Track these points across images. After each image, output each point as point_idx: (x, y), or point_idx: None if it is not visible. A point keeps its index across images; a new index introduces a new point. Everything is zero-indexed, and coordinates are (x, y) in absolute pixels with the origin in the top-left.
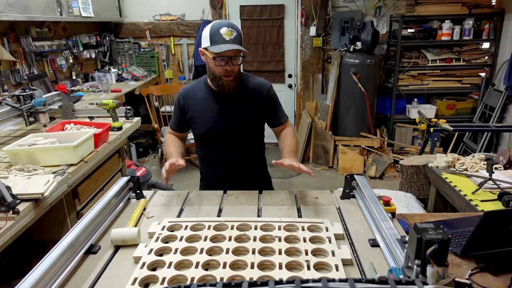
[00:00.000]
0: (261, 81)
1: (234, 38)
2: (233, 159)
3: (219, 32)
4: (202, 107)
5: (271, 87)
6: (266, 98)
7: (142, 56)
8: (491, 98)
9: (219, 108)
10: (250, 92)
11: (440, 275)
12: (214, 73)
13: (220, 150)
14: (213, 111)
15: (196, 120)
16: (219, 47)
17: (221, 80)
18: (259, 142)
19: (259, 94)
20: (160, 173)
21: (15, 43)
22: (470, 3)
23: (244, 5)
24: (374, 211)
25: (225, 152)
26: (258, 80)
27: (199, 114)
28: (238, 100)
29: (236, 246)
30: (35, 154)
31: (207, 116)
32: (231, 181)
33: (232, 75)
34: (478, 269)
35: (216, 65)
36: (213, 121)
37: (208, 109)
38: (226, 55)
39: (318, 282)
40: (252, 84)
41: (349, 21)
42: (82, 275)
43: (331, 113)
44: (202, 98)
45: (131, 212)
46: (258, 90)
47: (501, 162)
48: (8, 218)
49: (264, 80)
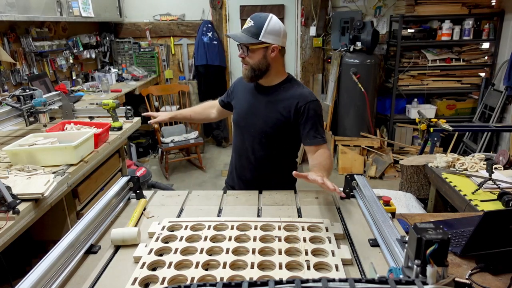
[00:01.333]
0: (304, 92)
1: (246, 28)
2: (250, 157)
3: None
4: (242, 95)
5: (312, 102)
6: (301, 111)
7: (142, 56)
8: (491, 98)
9: (253, 101)
10: (287, 98)
11: (440, 275)
12: None
13: (244, 143)
14: (248, 103)
15: (235, 105)
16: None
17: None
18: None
19: (294, 103)
20: (160, 173)
21: (15, 43)
22: (470, 3)
23: (244, 5)
24: (374, 211)
25: (247, 146)
26: (302, 90)
27: (238, 101)
28: (273, 100)
29: (236, 246)
30: (35, 154)
31: (242, 106)
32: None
33: (246, 64)
34: (478, 269)
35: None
36: (245, 112)
37: (245, 99)
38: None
39: (318, 282)
40: (293, 91)
41: (349, 21)
42: (82, 275)
43: (331, 113)
44: (246, 89)
45: (131, 212)
46: (295, 99)
47: (501, 162)
48: (8, 218)
49: (309, 93)
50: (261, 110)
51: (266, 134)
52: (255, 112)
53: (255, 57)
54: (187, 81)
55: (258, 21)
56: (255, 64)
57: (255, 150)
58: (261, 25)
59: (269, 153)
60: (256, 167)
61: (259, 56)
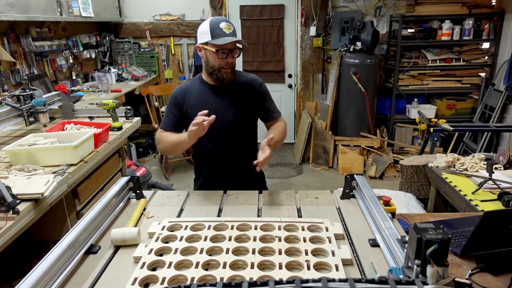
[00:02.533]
0: (254, 77)
1: (232, 31)
2: (228, 153)
3: (219, 26)
4: (199, 102)
5: (262, 82)
6: (259, 92)
7: (142, 56)
8: (491, 98)
9: (216, 102)
10: (245, 86)
11: (440, 275)
12: (214, 66)
13: (217, 144)
14: (211, 105)
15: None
16: (223, 40)
17: (220, 72)
18: (252, 138)
19: (252, 88)
20: (160, 173)
21: (15, 43)
22: (470, 3)
23: (244, 5)
24: (374, 211)
25: (222, 146)
26: (251, 76)
27: (197, 109)
28: (234, 94)
29: (236, 246)
30: (35, 154)
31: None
32: (226, 177)
33: (231, 67)
34: (478, 269)
35: (218, 58)
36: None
37: (205, 103)
38: (227, 48)
39: (318, 282)
40: (246, 79)
41: (349, 21)
42: (82, 275)
43: (331, 113)
44: (199, 94)
45: (131, 212)
46: (251, 84)
47: (501, 162)
48: (8, 218)
49: (256, 76)
50: (229, 103)
51: (243, 121)
52: (221, 111)
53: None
54: (186, 81)
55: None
56: (235, 64)
57: (237, 141)
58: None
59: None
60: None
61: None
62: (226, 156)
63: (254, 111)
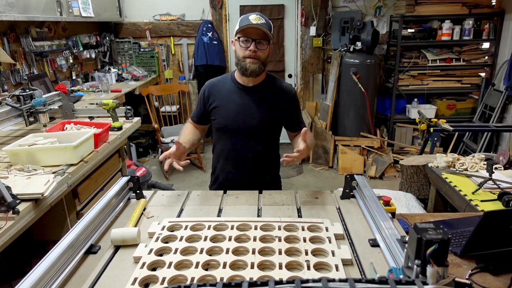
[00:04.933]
0: (289, 85)
1: (261, 23)
2: (246, 156)
3: (248, 18)
4: (225, 99)
5: (296, 93)
6: (291, 101)
7: (142, 56)
8: (491, 98)
9: (242, 102)
10: (276, 92)
11: (440, 275)
12: (239, 56)
13: (236, 145)
14: (236, 104)
15: (218, 110)
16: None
17: (245, 62)
18: (274, 143)
19: (284, 96)
20: (160, 173)
21: (15, 43)
22: (470, 3)
23: (244, 5)
24: (374, 211)
25: (241, 147)
26: (286, 83)
27: (222, 105)
28: (262, 97)
29: (236, 246)
30: (35, 154)
31: (229, 109)
32: (242, 177)
33: (257, 58)
34: (478, 269)
35: (241, 46)
36: (235, 114)
37: (231, 101)
38: (251, 37)
39: (318, 282)
40: (279, 85)
41: (349, 21)
42: (82, 275)
43: (331, 113)
44: (227, 91)
45: (131, 212)
46: (285, 92)
47: (501, 162)
48: (8, 218)
49: (291, 86)
50: (253, 109)
51: (265, 126)
52: (247, 112)
53: (266, 52)
54: (187, 81)
55: (266, 19)
56: (265, 59)
57: (257, 144)
58: (269, 23)
59: (269, 143)
60: (254, 164)
61: (268, 52)
62: (244, 156)
63: (281, 118)
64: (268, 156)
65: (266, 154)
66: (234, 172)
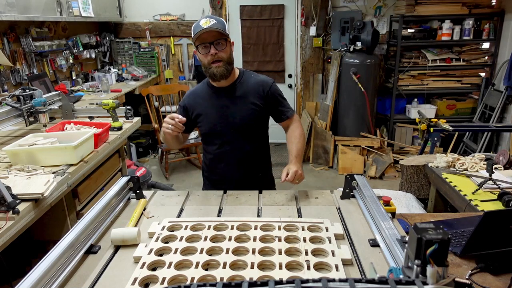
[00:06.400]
0: (264, 78)
1: (212, 25)
2: (237, 156)
3: (199, 24)
4: (206, 105)
5: (273, 83)
6: (269, 94)
7: (142, 56)
8: (491, 98)
9: (221, 104)
10: (253, 88)
11: (440, 275)
12: (204, 64)
13: (225, 147)
14: (216, 107)
15: (202, 118)
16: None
17: (211, 69)
18: (262, 140)
19: (261, 90)
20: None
21: (15, 43)
22: (470, 3)
23: (244, 5)
24: (374, 211)
25: (230, 149)
26: (261, 77)
27: (204, 112)
28: (240, 95)
29: (236, 246)
30: (35, 154)
31: (211, 113)
32: (234, 179)
33: (220, 60)
34: (478, 269)
35: (201, 54)
36: (217, 117)
37: (211, 106)
38: (207, 41)
39: (318, 282)
40: (255, 80)
41: (349, 21)
42: (82, 275)
43: (331, 113)
44: (206, 97)
45: (131, 212)
46: (261, 86)
47: (501, 162)
48: (8, 218)
49: (266, 77)
50: (232, 108)
51: (249, 124)
52: (227, 112)
53: (228, 51)
54: (187, 81)
55: (218, 19)
56: (229, 58)
57: (245, 143)
58: (221, 21)
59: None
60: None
61: (230, 50)
62: (235, 156)
63: (263, 113)
64: (258, 154)
65: (256, 152)
66: (226, 173)
